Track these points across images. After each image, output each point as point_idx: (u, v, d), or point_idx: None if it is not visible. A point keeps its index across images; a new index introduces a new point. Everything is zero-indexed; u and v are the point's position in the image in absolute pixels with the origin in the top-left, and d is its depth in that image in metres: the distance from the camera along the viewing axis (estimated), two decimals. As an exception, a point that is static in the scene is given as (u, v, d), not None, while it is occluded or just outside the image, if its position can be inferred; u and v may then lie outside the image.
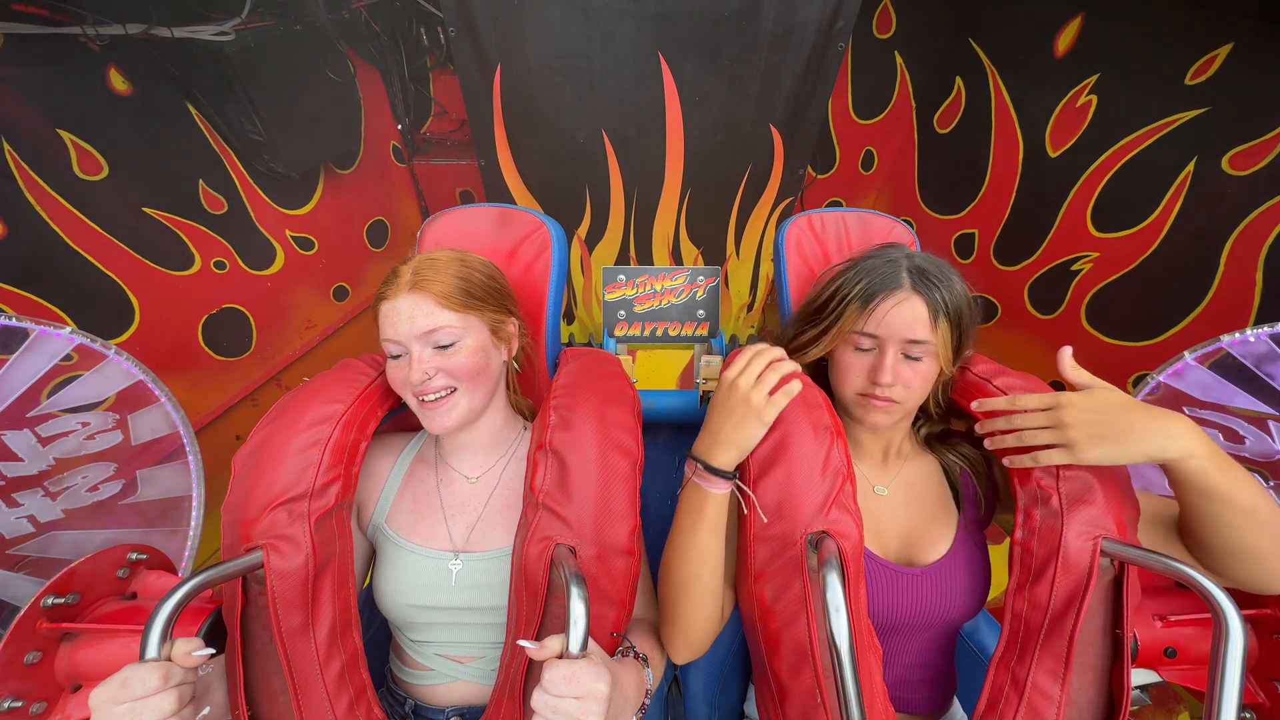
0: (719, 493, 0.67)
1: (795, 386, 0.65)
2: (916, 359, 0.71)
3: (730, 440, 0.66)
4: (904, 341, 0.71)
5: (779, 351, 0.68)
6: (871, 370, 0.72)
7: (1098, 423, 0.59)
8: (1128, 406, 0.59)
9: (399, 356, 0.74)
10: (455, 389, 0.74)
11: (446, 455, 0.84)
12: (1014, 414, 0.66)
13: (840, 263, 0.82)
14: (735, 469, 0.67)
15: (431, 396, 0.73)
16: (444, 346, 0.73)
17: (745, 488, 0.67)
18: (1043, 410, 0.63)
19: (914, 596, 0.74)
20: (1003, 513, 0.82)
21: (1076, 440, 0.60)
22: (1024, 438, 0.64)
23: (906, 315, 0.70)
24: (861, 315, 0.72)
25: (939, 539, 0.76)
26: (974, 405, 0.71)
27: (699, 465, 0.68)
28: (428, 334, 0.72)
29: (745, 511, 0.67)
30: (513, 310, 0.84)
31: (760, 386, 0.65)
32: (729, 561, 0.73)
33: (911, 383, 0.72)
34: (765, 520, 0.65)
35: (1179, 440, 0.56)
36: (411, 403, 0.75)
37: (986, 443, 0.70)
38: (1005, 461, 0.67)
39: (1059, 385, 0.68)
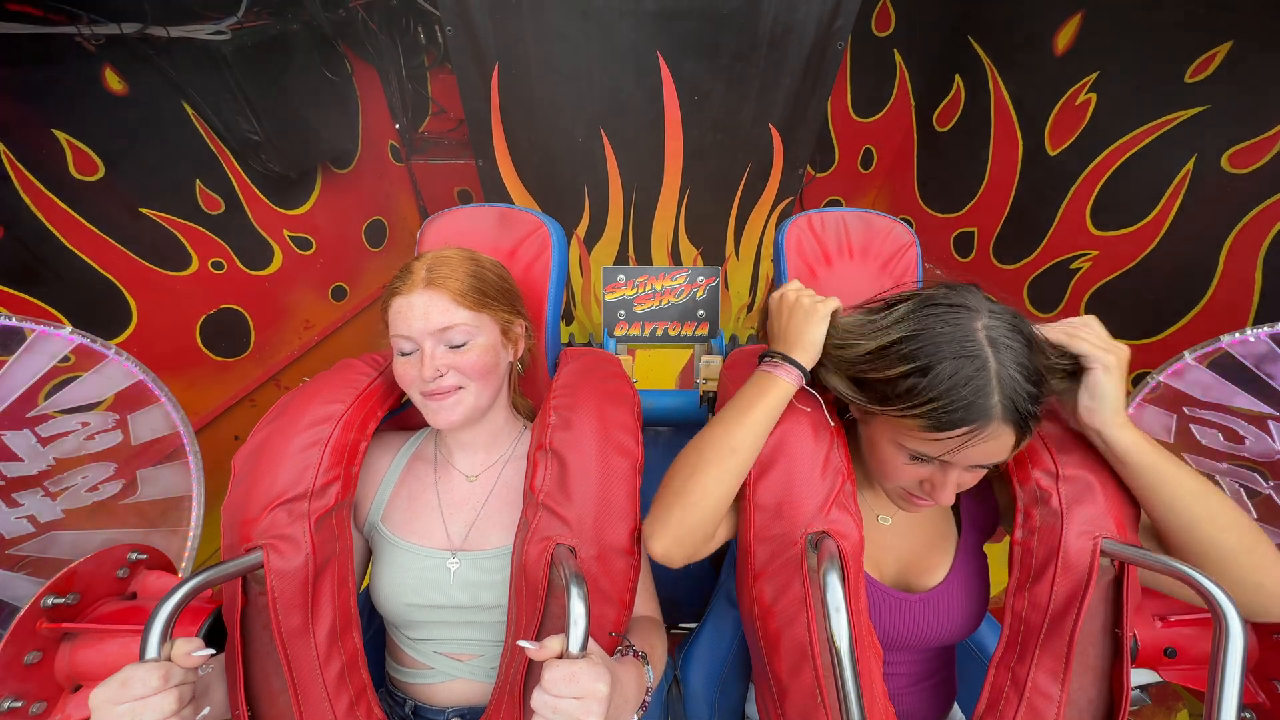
0: (788, 382, 0.67)
1: (835, 301, 0.70)
2: (980, 468, 0.61)
3: (800, 340, 0.68)
4: (972, 465, 0.60)
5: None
6: (926, 483, 0.63)
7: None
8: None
9: (409, 353, 0.73)
10: (463, 386, 0.74)
11: (448, 453, 0.84)
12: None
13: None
14: (807, 375, 0.69)
15: (441, 392, 0.73)
16: (457, 345, 0.73)
17: (812, 392, 0.70)
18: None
19: (911, 622, 0.73)
20: (1003, 525, 0.81)
21: (1110, 364, 0.63)
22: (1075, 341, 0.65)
23: (991, 449, 0.57)
24: (929, 439, 0.58)
25: (938, 565, 0.76)
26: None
27: (777, 357, 0.69)
28: (441, 331, 0.72)
29: (808, 409, 0.70)
30: (521, 311, 0.84)
31: (806, 294, 0.71)
32: (729, 564, 0.73)
33: (968, 487, 0.64)
34: (809, 410, 0.69)
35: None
36: (416, 398, 0.75)
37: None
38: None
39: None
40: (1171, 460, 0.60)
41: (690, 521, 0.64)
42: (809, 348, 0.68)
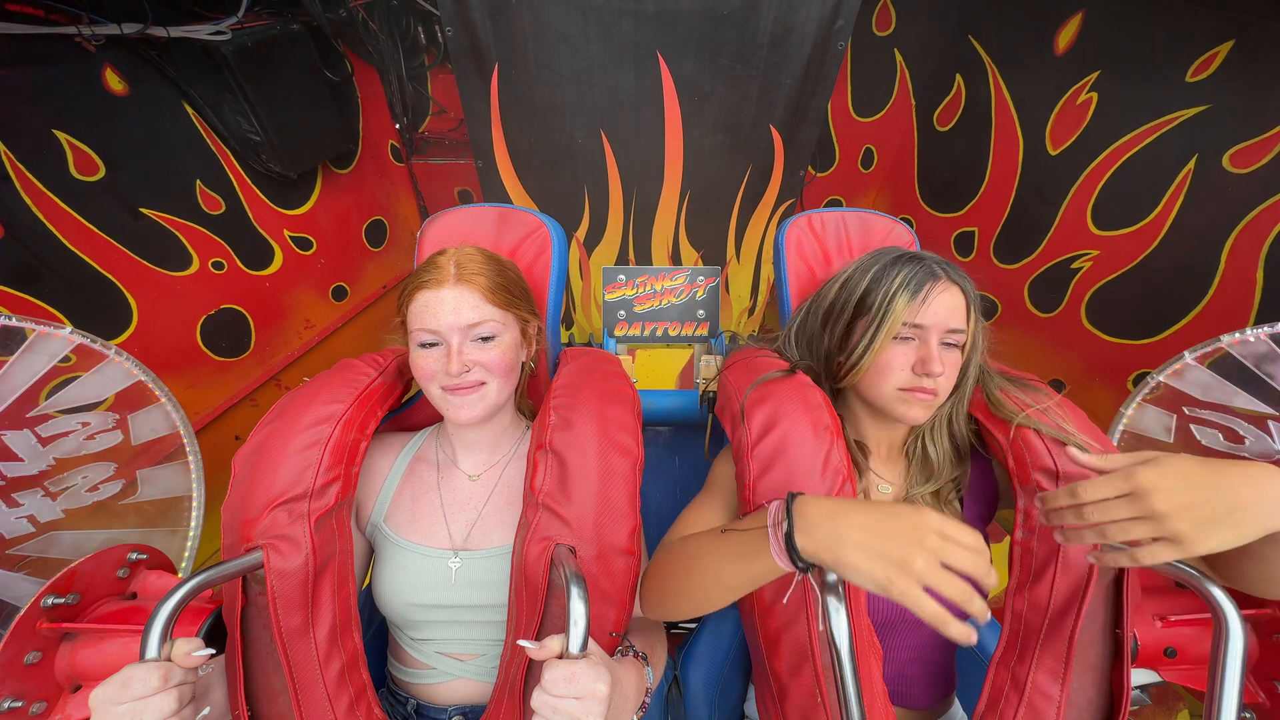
0: (781, 568, 0.53)
1: (980, 608, 0.45)
2: (953, 347, 0.74)
3: (845, 544, 0.48)
4: (945, 330, 0.72)
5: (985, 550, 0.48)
6: (919, 362, 0.71)
7: (1199, 504, 0.48)
8: (1215, 473, 0.49)
9: (431, 346, 0.73)
10: (486, 382, 0.74)
11: (450, 453, 0.84)
12: (1083, 506, 0.54)
13: (853, 266, 0.81)
14: (808, 568, 0.52)
15: (464, 387, 0.73)
16: (485, 339, 0.74)
17: (814, 583, 0.56)
18: (1120, 498, 0.51)
19: None
20: (1004, 508, 0.82)
21: (1183, 531, 0.48)
22: (1109, 533, 0.52)
23: (950, 303, 0.72)
24: (912, 305, 0.72)
25: None
26: (1036, 501, 0.61)
27: (787, 531, 0.51)
28: (471, 326, 0.72)
29: (784, 600, 0.62)
30: (536, 312, 0.85)
31: (943, 549, 0.46)
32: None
33: (950, 371, 0.73)
34: (785, 603, 0.63)
35: None
36: (435, 393, 0.74)
37: (1056, 535, 0.59)
38: (1091, 558, 0.58)
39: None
40: None
41: (676, 614, 0.68)
42: (848, 566, 0.48)
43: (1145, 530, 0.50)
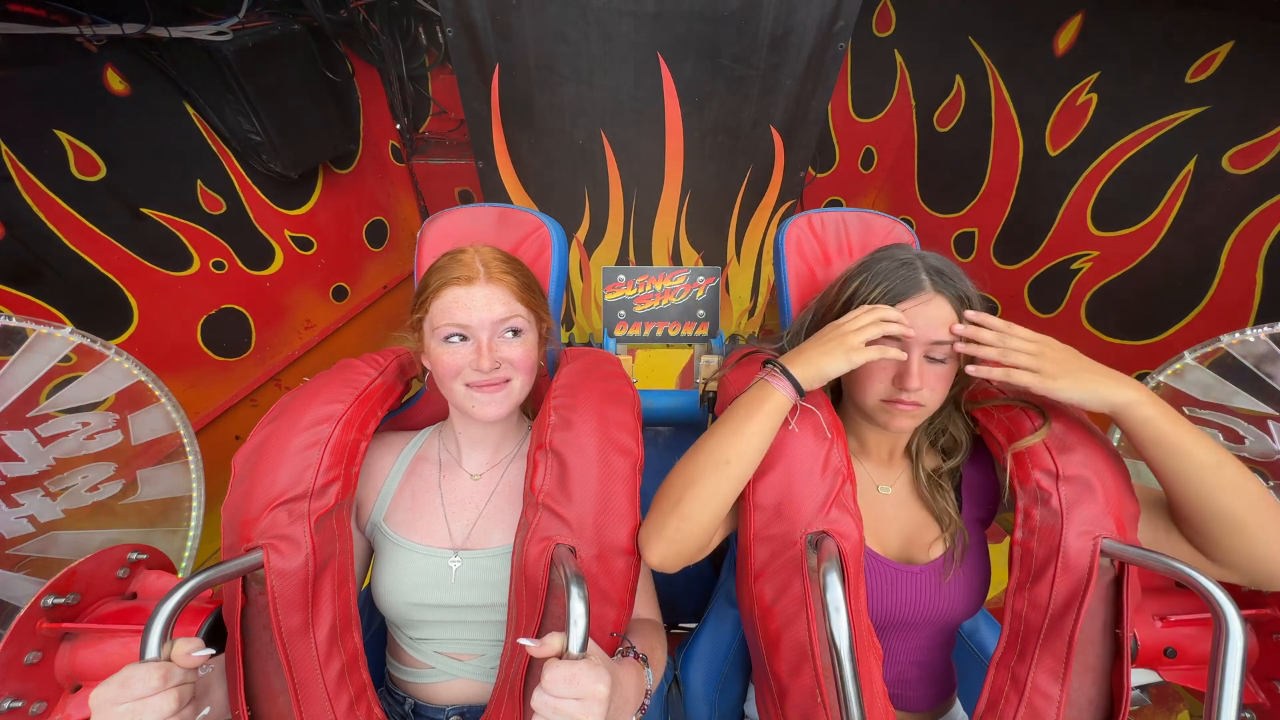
0: (783, 395, 0.67)
1: (895, 354, 0.67)
2: (940, 360, 0.70)
3: (812, 361, 0.67)
4: (928, 343, 0.69)
5: (894, 313, 0.68)
6: (897, 376, 0.69)
7: (1067, 361, 0.65)
8: (1091, 362, 0.67)
9: (455, 341, 0.73)
10: (511, 379, 0.75)
11: (455, 451, 0.84)
12: (1007, 337, 0.68)
13: (856, 264, 0.79)
14: (803, 391, 0.68)
15: (491, 384, 0.74)
16: (514, 334, 0.75)
17: (806, 405, 0.70)
18: (1029, 343, 0.67)
19: (913, 594, 0.74)
20: (1003, 511, 0.82)
21: (1047, 369, 0.65)
22: (1008, 356, 0.67)
23: (932, 316, 0.69)
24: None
25: (940, 538, 0.76)
26: (965, 316, 0.70)
27: (777, 368, 0.69)
28: (502, 321, 0.73)
29: (793, 426, 0.69)
30: (549, 313, 0.85)
31: (860, 332, 0.67)
32: (729, 564, 0.73)
33: (936, 385, 0.70)
34: (795, 429, 0.69)
35: (1127, 388, 0.62)
36: (458, 390, 0.74)
37: (969, 368, 0.70)
38: (971, 370, 0.69)
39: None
40: (1188, 430, 0.61)
41: (685, 532, 0.66)
42: (815, 374, 0.67)
43: (1028, 361, 0.65)
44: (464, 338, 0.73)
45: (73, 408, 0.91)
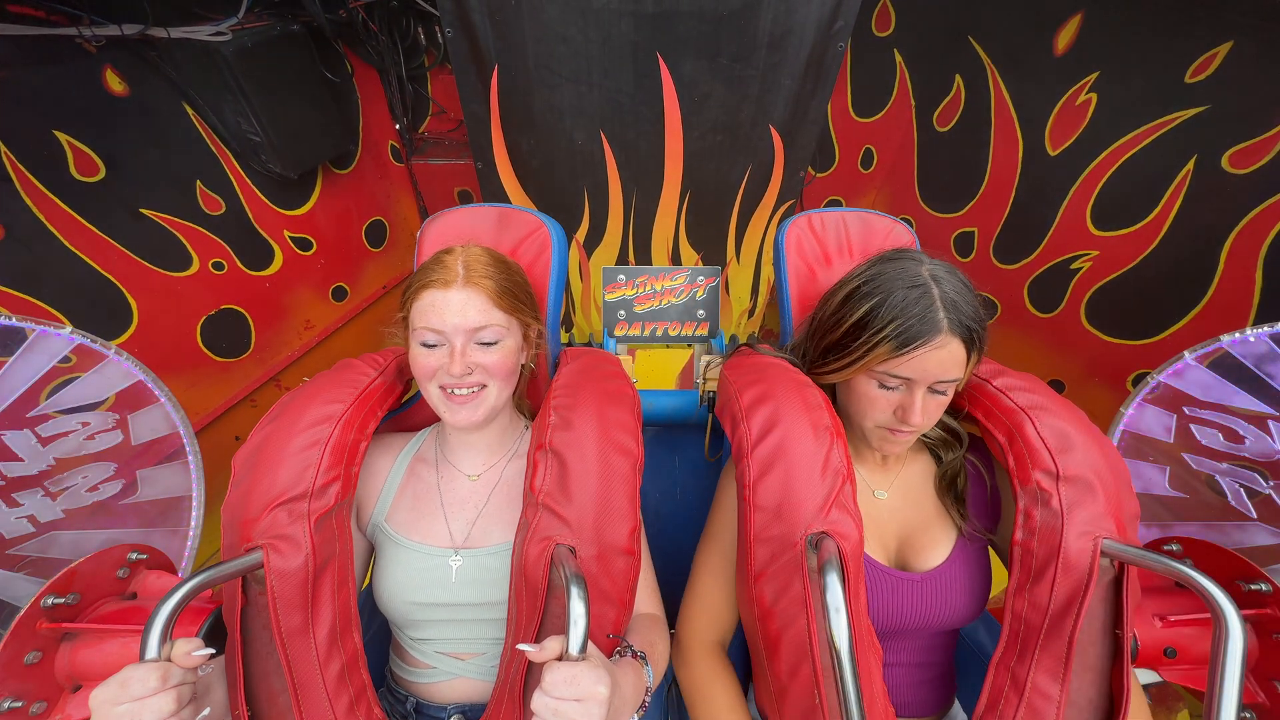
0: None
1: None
2: (942, 393, 0.70)
3: None
4: (934, 381, 0.68)
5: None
6: (899, 409, 0.70)
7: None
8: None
9: (433, 346, 0.73)
10: (486, 385, 0.75)
11: (450, 453, 0.84)
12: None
13: (857, 274, 0.75)
14: None
15: (464, 390, 0.73)
16: (488, 343, 0.74)
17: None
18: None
19: (914, 602, 0.74)
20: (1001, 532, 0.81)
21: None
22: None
23: (945, 360, 0.67)
24: (895, 358, 0.68)
25: (939, 543, 0.76)
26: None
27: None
28: (476, 329, 0.73)
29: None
30: (539, 316, 0.85)
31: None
32: (729, 567, 0.73)
33: (936, 413, 0.71)
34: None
35: None
36: (434, 394, 0.74)
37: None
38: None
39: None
40: None
41: None
42: None
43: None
44: (440, 342, 0.73)
45: (73, 408, 0.91)
